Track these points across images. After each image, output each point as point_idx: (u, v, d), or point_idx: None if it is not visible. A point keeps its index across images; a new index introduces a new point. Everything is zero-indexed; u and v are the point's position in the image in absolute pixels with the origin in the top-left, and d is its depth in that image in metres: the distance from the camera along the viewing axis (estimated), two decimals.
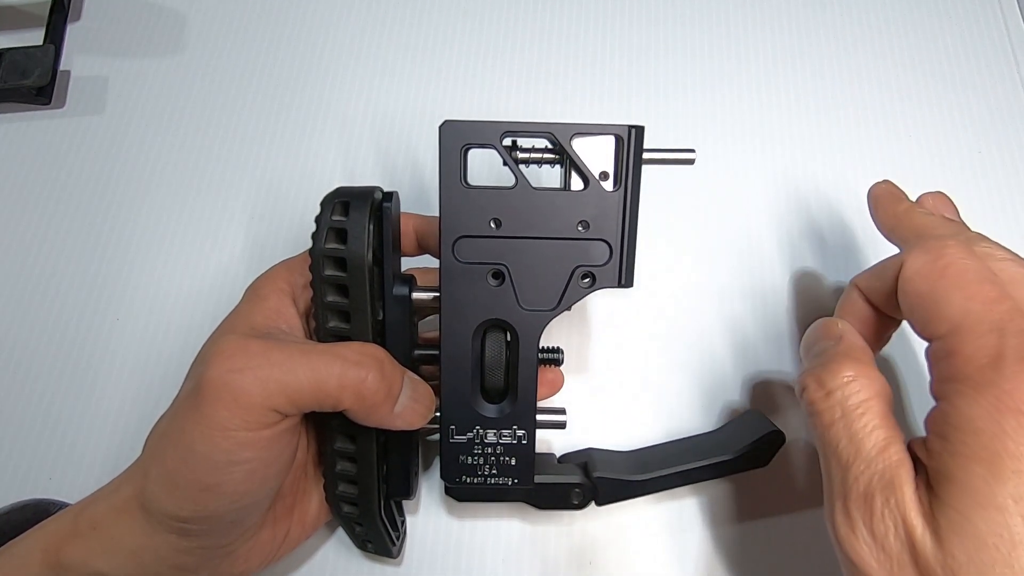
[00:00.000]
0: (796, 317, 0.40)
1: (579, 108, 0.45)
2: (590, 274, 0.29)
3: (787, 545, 0.35)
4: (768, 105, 0.45)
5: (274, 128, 0.45)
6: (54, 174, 0.44)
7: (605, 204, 0.28)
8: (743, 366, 0.39)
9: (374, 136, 0.45)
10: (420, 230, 0.33)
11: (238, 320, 0.29)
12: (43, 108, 0.46)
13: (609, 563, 0.35)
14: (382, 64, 0.47)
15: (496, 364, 0.30)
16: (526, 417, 0.31)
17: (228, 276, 0.41)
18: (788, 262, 0.41)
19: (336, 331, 0.29)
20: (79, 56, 0.47)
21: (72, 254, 0.42)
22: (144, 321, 0.40)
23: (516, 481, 0.32)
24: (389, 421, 0.28)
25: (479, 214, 0.28)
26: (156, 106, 0.46)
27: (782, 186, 0.43)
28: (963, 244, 0.26)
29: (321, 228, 0.28)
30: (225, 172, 0.44)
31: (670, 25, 0.48)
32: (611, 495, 0.33)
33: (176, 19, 0.48)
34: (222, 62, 0.47)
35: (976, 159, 0.43)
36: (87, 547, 0.26)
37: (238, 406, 0.25)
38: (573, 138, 0.28)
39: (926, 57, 0.46)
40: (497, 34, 0.48)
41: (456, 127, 0.28)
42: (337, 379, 0.26)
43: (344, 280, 0.28)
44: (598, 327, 0.40)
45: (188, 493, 0.25)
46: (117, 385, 0.39)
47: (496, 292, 0.29)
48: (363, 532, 0.32)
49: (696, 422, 0.38)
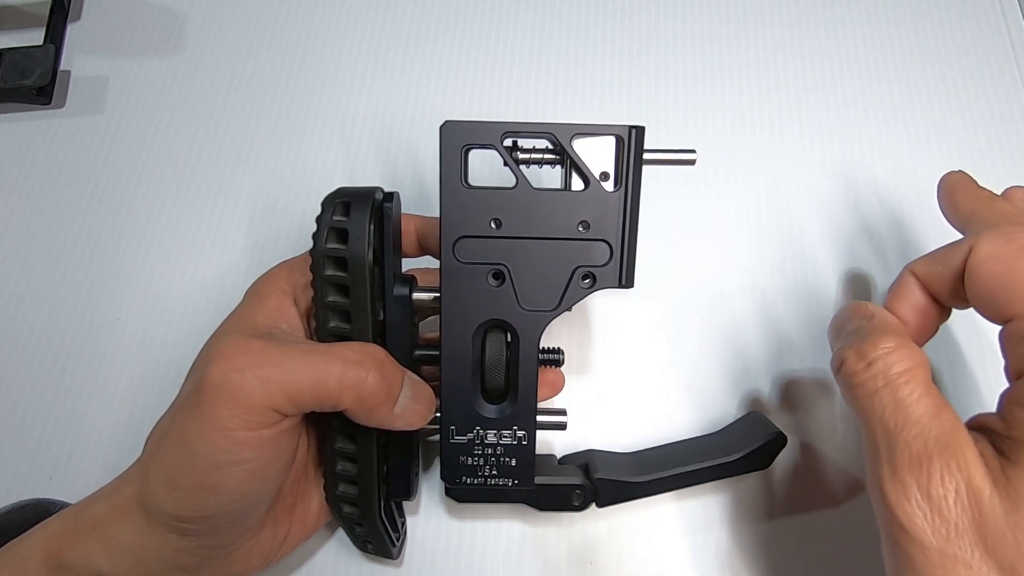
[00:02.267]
0: (798, 318, 0.40)
1: (580, 109, 0.45)
2: (590, 274, 0.29)
3: (788, 548, 0.35)
4: (768, 104, 0.45)
5: (274, 128, 0.45)
6: (54, 174, 0.44)
7: (606, 204, 0.28)
8: (744, 367, 0.39)
9: (375, 136, 0.45)
10: (421, 231, 0.33)
11: (239, 320, 0.29)
12: (43, 108, 0.46)
13: (609, 565, 0.35)
14: (383, 64, 0.47)
15: (496, 364, 0.30)
16: (526, 418, 0.31)
17: (228, 276, 0.41)
18: (788, 262, 0.41)
19: (337, 331, 0.29)
20: (79, 56, 0.47)
21: (72, 254, 0.42)
22: (144, 321, 0.40)
23: (516, 482, 0.31)
24: (389, 421, 0.28)
25: (480, 214, 0.28)
26: (156, 106, 0.46)
27: (782, 186, 0.43)
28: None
29: (322, 228, 0.28)
30: (225, 172, 0.44)
31: (672, 24, 0.48)
32: (612, 497, 0.33)
33: (176, 19, 0.48)
34: (222, 62, 0.47)
35: (976, 158, 0.43)
36: (87, 547, 0.26)
37: (238, 406, 0.25)
38: (574, 138, 0.28)
39: (926, 56, 0.46)
40: (498, 35, 0.47)
41: (456, 127, 0.28)
42: (337, 379, 0.26)
43: (345, 280, 0.28)
44: (599, 328, 0.40)
45: (188, 493, 0.25)
46: (117, 385, 0.39)
47: (496, 292, 0.29)
48: (363, 533, 0.32)
49: (697, 424, 0.38)
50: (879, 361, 0.25)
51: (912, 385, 0.25)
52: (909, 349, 0.26)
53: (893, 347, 0.26)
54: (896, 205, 0.42)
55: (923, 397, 0.24)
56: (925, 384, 0.25)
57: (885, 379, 0.25)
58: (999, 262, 0.25)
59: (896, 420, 0.24)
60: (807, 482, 0.36)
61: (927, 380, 0.25)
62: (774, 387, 0.38)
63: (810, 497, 0.36)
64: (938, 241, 0.41)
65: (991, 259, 0.25)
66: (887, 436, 0.25)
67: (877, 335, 0.26)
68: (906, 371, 0.25)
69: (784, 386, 0.38)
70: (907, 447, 0.24)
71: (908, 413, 0.24)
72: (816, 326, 0.39)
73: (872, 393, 0.25)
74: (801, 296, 0.40)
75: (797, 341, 0.39)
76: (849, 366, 0.26)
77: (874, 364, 0.26)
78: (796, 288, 0.40)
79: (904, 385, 0.25)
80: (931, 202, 0.42)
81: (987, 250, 0.26)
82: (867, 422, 0.26)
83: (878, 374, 0.25)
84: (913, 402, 0.24)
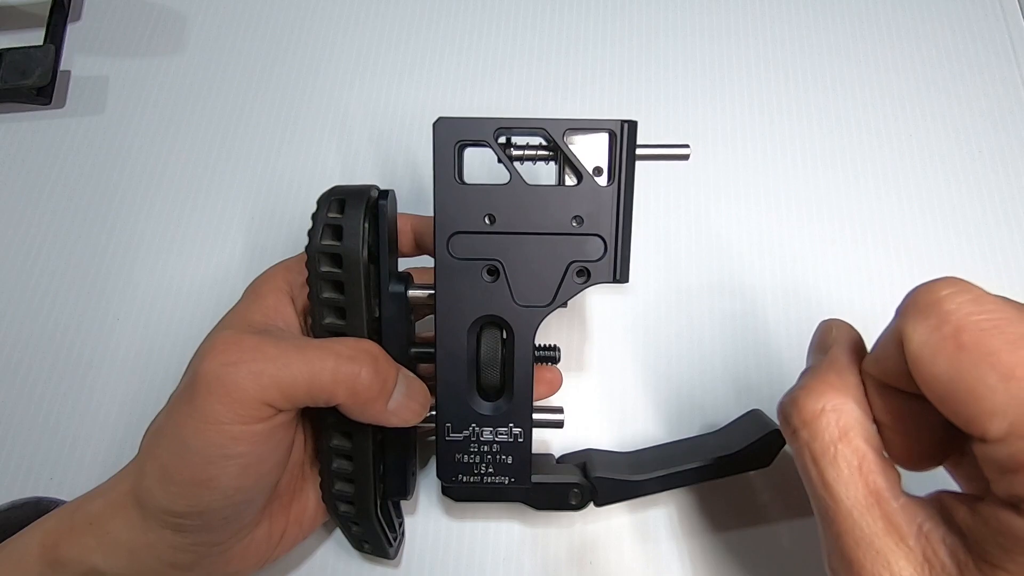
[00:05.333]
0: (798, 316, 0.39)
1: (573, 104, 0.45)
2: (585, 269, 0.29)
3: (789, 546, 0.35)
4: (766, 99, 0.45)
5: (274, 128, 0.45)
6: (54, 174, 0.44)
7: (599, 199, 0.28)
8: (743, 365, 0.38)
9: (373, 136, 0.45)
10: (417, 229, 0.33)
11: (235, 317, 0.29)
12: (43, 108, 0.46)
13: (609, 564, 0.35)
14: (382, 64, 0.47)
15: (492, 361, 0.30)
16: (522, 415, 0.30)
17: (228, 276, 0.41)
18: (788, 262, 0.41)
19: (332, 327, 0.29)
20: (79, 56, 0.48)
21: (72, 254, 0.42)
22: (144, 321, 0.40)
23: (513, 480, 0.31)
24: (383, 417, 0.28)
25: (473, 210, 0.28)
26: (156, 106, 0.46)
27: (781, 183, 0.43)
28: (962, 291, 0.20)
29: (317, 225, 0.28)
30: (225, 172, 0.44)
31: (667, 27, 0.47)
32: (610, 496, 0.33)
33: (176, 19, 0.49)
34: (222, 62, 0.47)
35: (976, 158, 0.43)
36: (84, 543, 0.26)
37: (231, 400, 0.25)
38: (566, 134, 0.28)
39: (926, 57, 0.46)
40: (494, 31, 0.48)
41: (449, 124, 0.28)
42: (331, 374, 0.26)
43: (340, 276, 0.28)
44: (597, 326, 0.39)
45: (182, 488, 0.25)
46: (117, 385, 0.39)
47: (491, 288, 0.29)
48: (360, 532, 0.32)
49: (697, 423, 0.37)
50: (802, 431, 0.22)
51: (840, 463, 0.21)
52: (838, 412, 0.22)
53: (819, 410, 0.22)
54: (896, 203, 0.42)
55: (852, 480, 0.21)
56: (858, 457, 0.21)
57: (811, 453, 0.22)
58: (937, 359, 0.19)
59: (827, 504, 0.21)
60: None
61: (860, 451, 0.21)
62: (774, 385, 0.38)
63: None
64: (939, 241, 0.41)
65: (926, 356, 0.19)
66: (820, 516, 0.22)
67: (810, 389, 0.23)
68: (831, 443, 0.21)
69: (785, 384, 0.38)
70: (837, 540, 0.21)
71: (838, 502, 0.21)
72: (816, 325, 0.39)
73: (802, 467, 0.22)
74: (801, 295, 0.40)
75: (797, 339, 0.39)
76: (783, 424, 0.24)
77: (798, 433, 0.22)
78: (796, 286, 0.40)
79: (830, 465, 0.21)
80: (930, 201, 0.42)
81: (918, 342, 0.20)
82: (807, 487, 0.23)
83: (803, 446, 0.22)
84: (842, 487, 0.21)
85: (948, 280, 0.20)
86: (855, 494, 0.21)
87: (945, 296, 0.20)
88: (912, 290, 0.21)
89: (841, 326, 0.26)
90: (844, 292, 0.40)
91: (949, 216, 0.42)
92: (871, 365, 0.23)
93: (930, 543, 0.20)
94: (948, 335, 0.19)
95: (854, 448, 0.21)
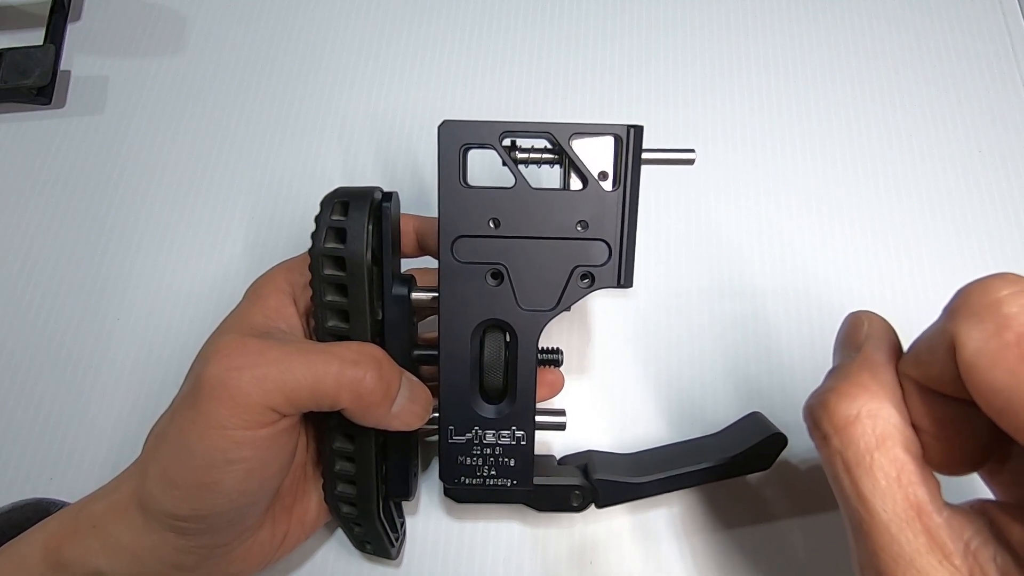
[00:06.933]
0: (799, 319, 0.39)
1: (579, 108, 0.45)
2: (589, 274, 0.29)
3: (790, 548, 0.35)
4: (769, 101, 0.45)
5: (274, 128, 0.45)
6: (54, 174, 0.44)
7: (604, 204, 0.28)
8: (745, 368, 0.39)
9: (374, 137, 0.45)
10: (420, 231, 0.33)
11: (238, 319, 0.29)
12: (43, 108, 0.46)
13: (610, 566, 0.35)
14: (383, 64, 0.47)
15: (495, 364, 0.30)
16: (525, 418, 0.30)
17: (228, 276, 0.41)
18: (788, 263, 0.41)
19: (335, 331, 0.29)
20: (79, 56, 0.47)
21: (72, 254, 0.42)
22: (144, 321, 0.40)
23: (515, 482, 0.31)
24: (386, 421, 0.28)
25: (478, 214, 0.28)
26: (156, 106, 0.46)
27: (783, 187, 0.43)
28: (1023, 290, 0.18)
29: (320, 227, 0.28)
30: (225, 172, 0.44)
31: (670, 26, 0.47)
32: (611, 497, 0.33)
33: (176, 19, 0.48)
34: (222, 62, 0.47)
35: (976, 158, 0.43)
36: (86, 545, 0.26)
37: (235, 405, 0.25)
38: (572, 138, 0.28)
39: (926, 56, 0.46)
40: (498, 34, 0.47)
41: (455, 127, 0.28)
42: (335, 378, 0.26)
43: (343, 279, 0.28)
44: (599, 329, 0.39)
45: (185, 492, 0.25)
46: (117, 385, 0.39)
47: (495, 292, 0.29)
48: (362, 533, 0.32)
49: (698, 425, 0.37)
50: (834, 437, 0.20)
51: (876, 474, 0.19)
52: (874, 418, 0.20)
53: (854, 416, 0.20)
54: (896, 201, 0.42)
55: (891, 492, 0.19)
56: (896, 467, 0.20)
57: (844, 462, 0.20)
58: (993, 368, 0.17)
59: (861, 517, 0.20)
60: (808, 483, 0.36)
61: (898, 460, 0.20)
62: (775, 388, 0.38)
63: (811, 498, 0.36)
64: (939, 239, 0.41)
65: (982, 364, 0.17)
66: (854, 529, 0.20)
67: (842, 392, 0.21)
68: (867, 451, 0.20)
69: (786, 387, 0.38)
70: (873, 557, 0.19)
71: (873, 515, 0.19)
72: (817, 328, 0.39)
73: (833, 476, 0.21)
74: (802, 297, 0.40)
75: (798, 342, 0.39)
76: (812, 428, 0.22)
77: (830, 439, 0.21)
78: (797, 289, 0.40)
79: (865, 475, 0.20)
80: (931, 199, 0.42)
81: (972, 348, 0.18)
82: (837, 497, 0.21)
83: (835, 454, 0.20)
84: (879, 499, 0.19)
85: (1006, 277, 0.18)
86: (893, 507, 0.19)
87: (1005, 297, 0.17)
88: (963, 288, 0.19)
89: (874, 319, 0.24)
90: (844, 292, 0.40)
91: (949, 213, 0.42)
92: (910, 366, 0.21)
93: (978, 562, 0.19)
94: (1010, 343, 0.17)
95: (892, 457, 0.20)
